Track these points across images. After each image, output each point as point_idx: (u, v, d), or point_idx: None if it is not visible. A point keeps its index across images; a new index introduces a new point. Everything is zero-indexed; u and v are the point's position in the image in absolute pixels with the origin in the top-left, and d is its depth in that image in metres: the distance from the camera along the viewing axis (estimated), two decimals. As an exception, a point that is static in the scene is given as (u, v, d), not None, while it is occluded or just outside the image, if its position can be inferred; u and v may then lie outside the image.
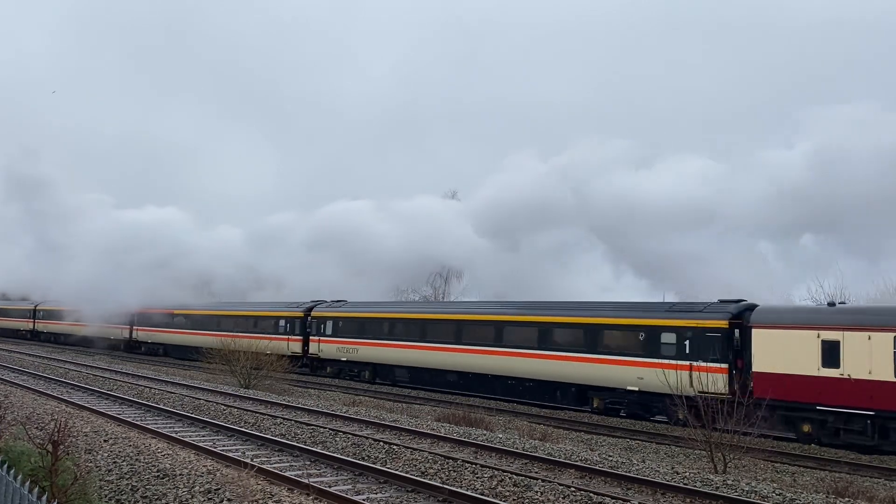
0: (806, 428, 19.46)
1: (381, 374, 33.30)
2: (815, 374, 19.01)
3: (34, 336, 62.69)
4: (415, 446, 15.22)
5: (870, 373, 18.14)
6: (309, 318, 36.70)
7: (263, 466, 12.23)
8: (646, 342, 22.75)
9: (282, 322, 38.34)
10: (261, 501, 10.07)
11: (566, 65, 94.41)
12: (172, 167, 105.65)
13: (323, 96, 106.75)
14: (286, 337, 37.35)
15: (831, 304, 21.85)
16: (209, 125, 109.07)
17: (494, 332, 27.66)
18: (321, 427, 17.44)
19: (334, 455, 13.84)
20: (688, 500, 11.56)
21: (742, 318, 21.20)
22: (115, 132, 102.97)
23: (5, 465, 7.40)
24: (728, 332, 21.13)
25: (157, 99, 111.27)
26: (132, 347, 51.62)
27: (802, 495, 11.97)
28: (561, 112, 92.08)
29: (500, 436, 17.12)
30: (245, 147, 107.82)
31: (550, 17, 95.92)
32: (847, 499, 12.12)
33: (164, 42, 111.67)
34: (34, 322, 63.26)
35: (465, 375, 28.80)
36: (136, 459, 12.58)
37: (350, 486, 11.71)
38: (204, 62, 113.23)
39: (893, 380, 17.79)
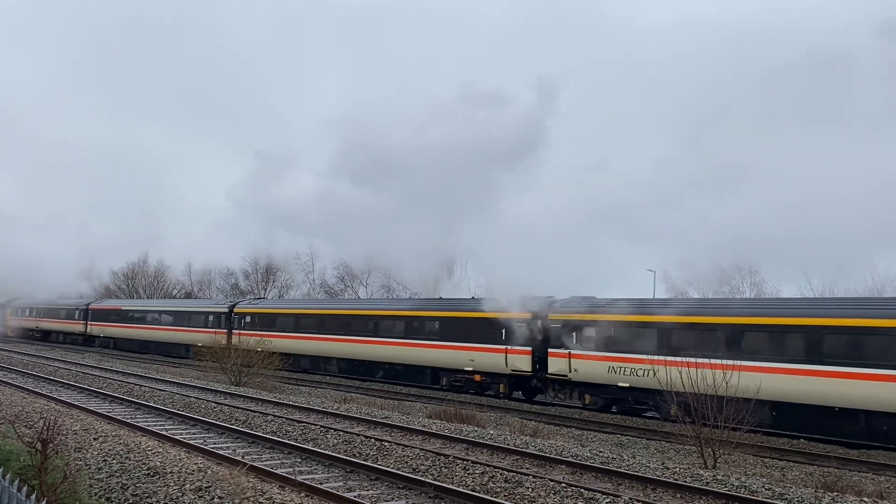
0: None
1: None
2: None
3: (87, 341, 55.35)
4: (406, 443, 15.23)
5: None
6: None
7: (254, 464, 12.21)
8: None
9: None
10: (252, 499, 10.04)
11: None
12: (155, 180, 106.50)
13: (280, 115, 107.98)
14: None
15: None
16: (182, 141, 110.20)
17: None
18: (312, 424, 17.42)
19: (325, 452, 13.82)
20: (678, 495, 11.61)
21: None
22: (92, 146, 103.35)
23: (-6, 464, 7.35)
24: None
25: (135, 117, 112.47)
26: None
27: (791, 490, 12.04)
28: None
29: (492, 432, 17.15)
30: (217, 161, 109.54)
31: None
32: (836, 493, 12.18)
33: (139, 65, 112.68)
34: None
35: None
36: (127, 457, 12.51)
37: (341, 483, 11.71)
38: (174, 80, 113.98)
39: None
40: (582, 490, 11.39)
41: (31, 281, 57.54)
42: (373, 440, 15.41)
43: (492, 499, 10.69)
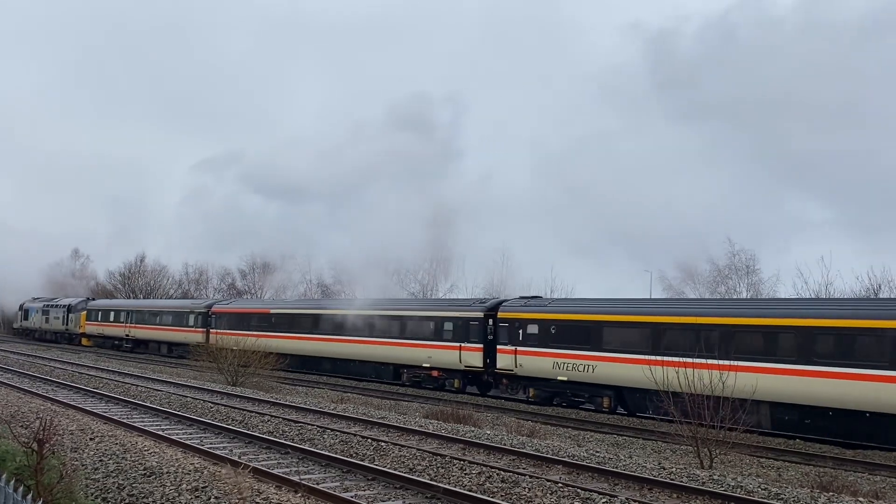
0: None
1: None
2: None
3: None
4: (403, 443, 15.23)
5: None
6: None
7: (251, 464, 12.19)
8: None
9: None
10: (249, 499, 10.03)
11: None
12: (151, 182, 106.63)
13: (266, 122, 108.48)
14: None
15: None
16: (179, 144, 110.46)
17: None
18: (309, 424, 17.41)
19: (322, 452, 13.81)
20: (675, 495, 11.63)
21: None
22: (86, 149, 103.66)
23: (-10, 464, 7.33)
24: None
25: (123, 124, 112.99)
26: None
27: (787, 490, 12.07)
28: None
29: (488, 432, 17.16)
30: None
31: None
32: (832, 493, 12.21)
33: (124, 71, 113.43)
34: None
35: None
36: (123, 458, 12.50)
37: (338, 484, 11.70)
38: (162, 90, 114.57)
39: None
40: (578, 490, 11.40)
41: (12, 282, 57.09)
42: (370, 440, 15.41)
43: (489, 499, 10.69)
